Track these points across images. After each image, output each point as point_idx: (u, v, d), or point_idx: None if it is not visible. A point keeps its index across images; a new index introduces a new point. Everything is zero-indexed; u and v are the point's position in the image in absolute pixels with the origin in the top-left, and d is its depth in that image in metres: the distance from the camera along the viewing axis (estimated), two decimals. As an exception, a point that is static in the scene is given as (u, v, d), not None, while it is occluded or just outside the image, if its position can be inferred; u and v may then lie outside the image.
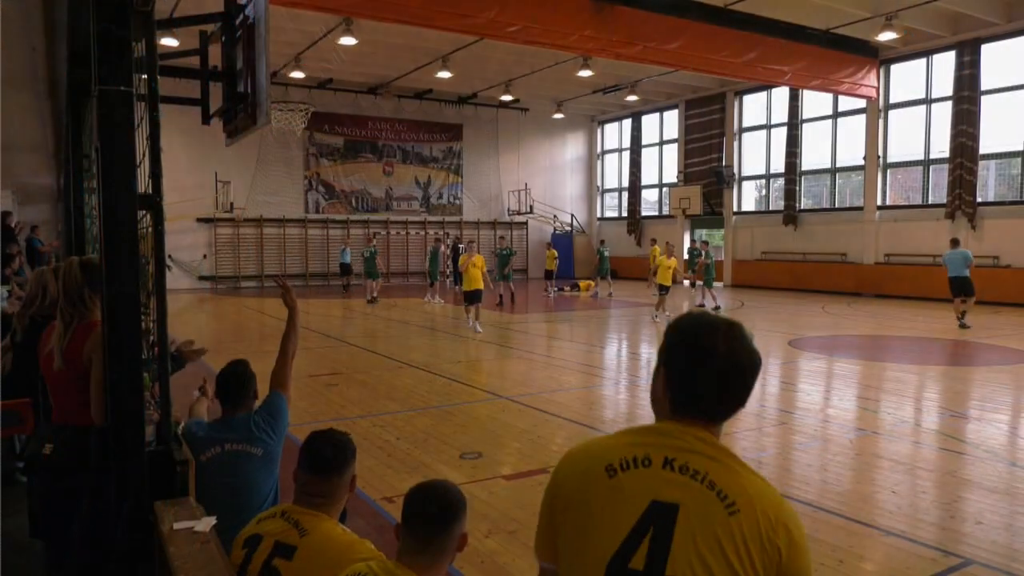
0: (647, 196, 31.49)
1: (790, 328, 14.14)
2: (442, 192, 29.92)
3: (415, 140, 29.04)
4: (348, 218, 27.63)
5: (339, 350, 11.80)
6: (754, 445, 6.26)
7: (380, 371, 9.82)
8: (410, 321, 15.66)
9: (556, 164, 32.47)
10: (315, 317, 17.04)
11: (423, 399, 8.03)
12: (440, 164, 29.80)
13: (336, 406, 7.67)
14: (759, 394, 8.68)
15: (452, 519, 2.00)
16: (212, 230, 25.43)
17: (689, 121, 27.91)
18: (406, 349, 11.89)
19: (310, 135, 26.59)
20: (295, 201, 26.79)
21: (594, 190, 33.32)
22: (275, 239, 26.59)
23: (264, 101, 3.20)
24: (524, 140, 31.31)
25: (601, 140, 33.20)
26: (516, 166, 31.24)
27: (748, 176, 26.57)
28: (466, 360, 10.65)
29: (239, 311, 18.06)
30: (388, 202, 28.76)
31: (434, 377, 9.29)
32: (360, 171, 28.09)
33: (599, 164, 33.24)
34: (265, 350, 11.77)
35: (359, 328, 14.90)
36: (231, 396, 3.19)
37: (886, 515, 4.69)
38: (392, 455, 5.90)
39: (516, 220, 30.96)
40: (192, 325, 14.41)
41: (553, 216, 31.57)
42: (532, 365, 10.33)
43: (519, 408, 7.58)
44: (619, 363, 11.13)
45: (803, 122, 24.01)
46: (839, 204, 23.70)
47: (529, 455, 5.93)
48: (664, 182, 30.00)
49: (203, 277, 25.37)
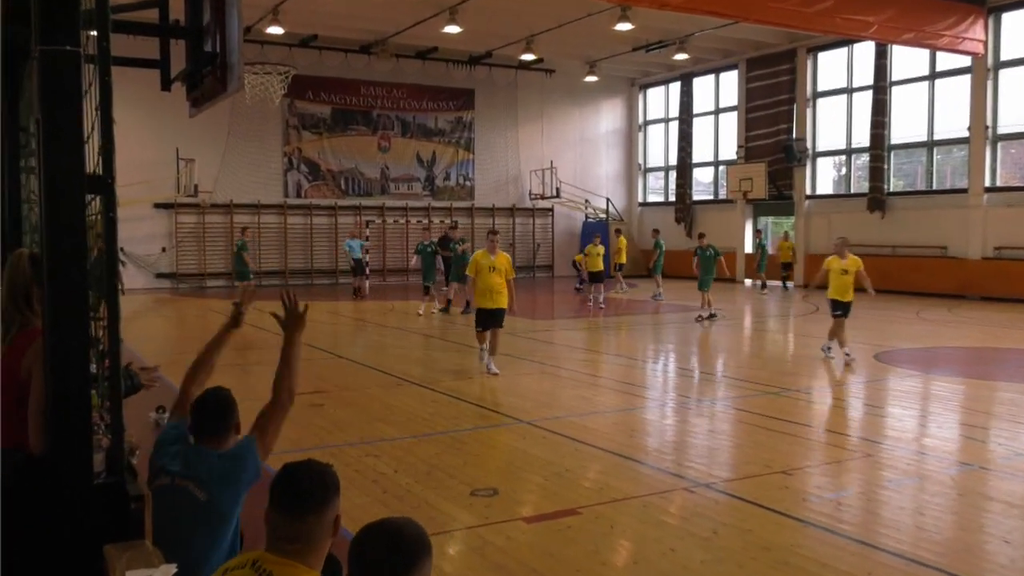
0: (699, 176, 31.31)
1: (876, 338, 14.00)
2: (449, 172, 30.00)
3: (417, 109, 29.16)
4: (336, 203, 27.81)
5: (324, 363, 11.84)
6: (832, 483, 6.21)
7: (374, 388, 9.82)
8: (409, 328, 15.70)
9: (588, 138, 32.42)
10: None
11: (426, 423, 8.04)
12: (447, 138, 29.89)
13: (320, 431, 7.70)
14: (837, 421, 8.60)
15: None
16: (172, 218, 25.70)
17: (751, 85, 27.75)
18: (405, 362, 11.90)
19: (290, 103, 26.79)
20: (272, 183, 27.02)
21: (634, 169, 33.22)
22: (248, 229, 26.80)
23: (236, 63, 3.22)
24: (549, 109, 31.31)
25: (643, 108, 33.09)
26: (539, 140, 31.24)
27: (824, 152, 26.35)
28: (478, 376, 10.64)
29: (204, 315, 18.21)
30: (384, 184, 28.90)
31: (439, 396, 9.29)
32: (351, 146, 28.26)
33: (640, 138, 33.13)
34: (236, 363, 11.86)
35: (349, 337, 14.95)
36: (204, 427, 3.23)
37: (996, 570, 4.63)
38: (388, 491, 5.91)
39: (539, 206, 30.98)
40: (148, 332, 14.56)
41: (584, 201, 31.54)
42: (559, 383, 10.30)
43: (543, 435, 7.57)
44: (666, 380, 11.08)
45: (892, 85, 23.78)
46: (937, 186, 23.41)
47: (555, 492, 5.91)
48: (720, 159, 29.83)
49: (162, 274, 25.64)
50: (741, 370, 11.41)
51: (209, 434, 3.23)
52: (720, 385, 10.61)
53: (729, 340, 14.85)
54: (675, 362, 12.50)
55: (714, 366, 12.22)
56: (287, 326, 3.37)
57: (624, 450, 7.02)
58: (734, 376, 10.95)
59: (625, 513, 5.48)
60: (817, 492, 5.91)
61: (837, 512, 5.49)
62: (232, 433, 3.27)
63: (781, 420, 8.09)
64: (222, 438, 3.24)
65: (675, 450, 7.14)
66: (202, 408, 3.26)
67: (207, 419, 3.24)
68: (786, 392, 9.56)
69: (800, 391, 9.72)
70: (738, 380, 10.53)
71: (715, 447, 7.27)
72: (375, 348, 13.30)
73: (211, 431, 3.23)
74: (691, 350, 13.63)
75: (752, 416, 8.31)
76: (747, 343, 14.94)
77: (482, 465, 6.61)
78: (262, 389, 9.58)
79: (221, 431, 3.24)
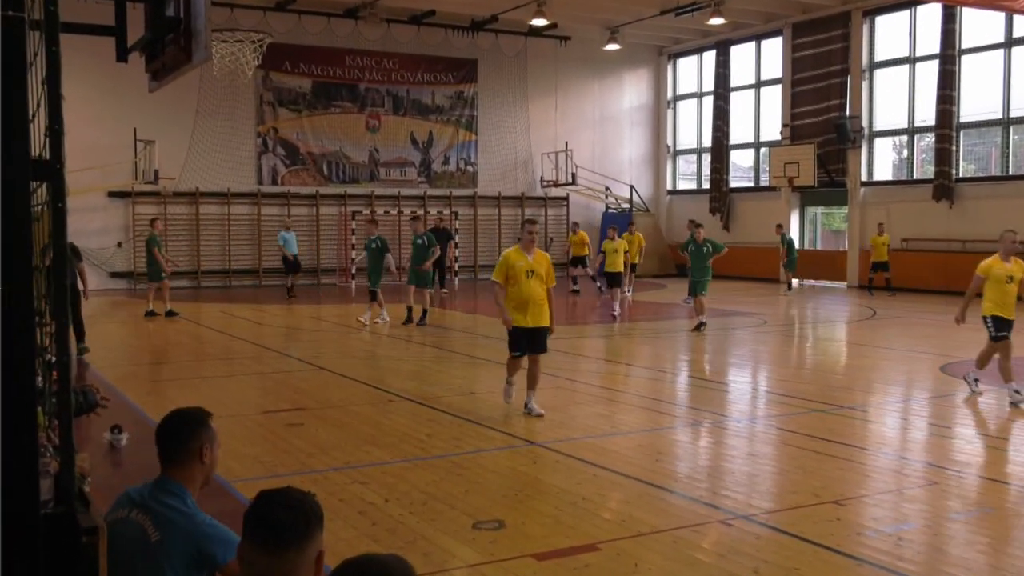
0: (738, 160, 31.28)
1: (942, 348, 13.96)
2: (448, 155, 30.06)
3: (411, 82, 29.23)
4: (317, 191, 27.90)
5: (304, 375, 11.87)
6: (891, 514, 6.19)
7: (362, 405, 9.85)
8: (402, 336, 15.73)
9: (609, 115, 32.42)
10: (271, 330, 17.18)
11: (421, 445, 8.06)
12: (446, 116, 29.95)
13: (300, 454, 7.73)
14: (898, 444, 8.58)
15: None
16: (129, 208, 25.81)
17: (798, 54, 27.71)
18: (398, 375, 11.91)
19: (265, 76, 26.89)
20: (244, 168, 27.12)
21: (662, 151, 33.21)
22: (216, 220, 26.89)
23: (202, 29, 3.24)
24: (564, 82, 31.33)
25: (673, 81, 33.08)
26: (552, 119, 31.26)
27: (883, 131, 26.30)
28: (481, 391, 10.66)
29: (164, 320, 18.25)
30: (373, 169, 28.98)
31: (437, 414, 9.31)
32: (334, 126, 28.34)
33: (670, 115, 33.13)
34: (202, 375, 11.91)
35: (333, 345, 14.99)
36: (164, 453, 3.27)
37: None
38: (378, 523, 5.92)
39: (553, 194, 31.00)
40: (102, 341, 14.62)
41: (604, 189, 31.56)
42: (574, 398, 10.31)
43: (556, 458, 7.57)
44: (698, 395, 11.08)
45: (962, 54, 23.71)
46: (1014, 171, 23.32)
47: (570, 525, 5.92)
48: (762, 140, 29.79)
49: (117, 273, 25.74)
50: (786, 384, 11.39)
51: (170, 461, 3.26)
52: (761, 401, 10.59)
53: (772, 349, 14.82)
54: (709, 375, 12.48)
55: (754, 379, 12.20)
56: None
57: (650, 476, 7.01)
58: (777, 391, 10.94)
59: (651, 549, 5.47)
60: (874, 525, 5.90)
61: (897, 548, 5.47)
62: (196, 461, 3.28)
63: (832, 442, 8.07)
64: (184, 465, 3.26)
65: (709, 476, 7.13)
66: (161, 431, 3.30)
67: (166, 443, 3.28)
68: (838, 409, 9.53)
69: (854, 408, 9.69)
70: (782, 395, 10.51)
71: (755, 473, 7.26)
72: (363, 359, 13.33)
73: (171, 457, 3.26)
74: (727, 361, 13.60)
75: (798, 437, 8.29)
76: (793, 352, 14.92)
77: (486, 493, 6.62)
78: (242, 402, 9.64)
79: (182, 457, 3.26)
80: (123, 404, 9.23)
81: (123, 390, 10.16)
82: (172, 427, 3.33)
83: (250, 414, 9.36)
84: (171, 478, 3.24)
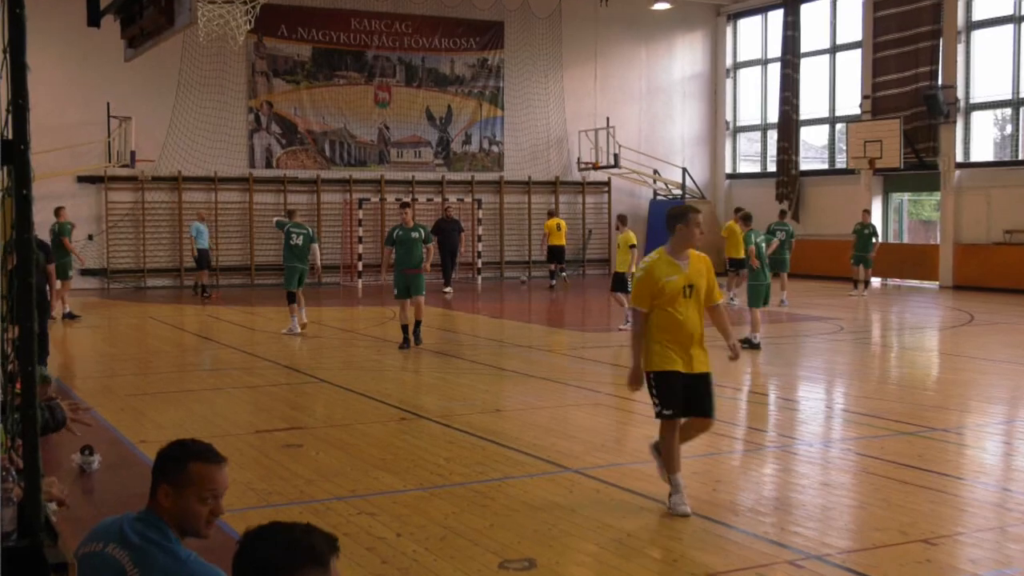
0: (809, 138, 31.06)
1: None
2: (470, 133, 30.11)
3: (426, 49, 29.32)
4: (318, 176, 28.05)
5: (304, 389, 11.91)
6: (991, 556, 6.13)
7: (369, 424, 9.86)
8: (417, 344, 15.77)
9: (657, 87, 32.33)
10: (265, 336, 17.28)
11: (439, 470, 8.07)
12: (468, 87, 30.00)
13: (299, 480, 7.77)
14: (999, 471, 8.48)
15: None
16: (102, 195, 26.08)
17: (881, 12, 27.49)
18: (412, 389, 11.93)
19: (258, 43, 27.08)
20: (234, 149, 27.34)
21: (720, 128, 33.07)
22: (202, 210, 27.04)
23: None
24: (605, 47, 31.28)
25: (733, 46, 32.91)
26: (591, 91, 31.24)
27: (982, 103, 26.05)
28: (509, 408, 10.64)
29: (143, 325, 18.47)
30: (383, 149, 29.10)
31: (457, 435, 9.32)
32: (338, 99, 28.49)
33: (729, 86, 32.97)
34: (186, 388, 12.00)
35: (335, 354, 15.04)
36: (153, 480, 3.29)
37: None
38: (388, 561, 5.93)
39: (592, 179, 30.97)
40: (72, 349, 14.78)
41: (653, 172, 31.48)
42: (618, 417, 10.27)
43: (596, 488, 7.56)
44: (764, 415, 11.01)
45: (1077, 11, 23.38)
46: None
47: (613, 565, 5.90)
48: (838, 115, 29.57)
49: (88, 271, 25.99)
50: (866, 402, 11.30)
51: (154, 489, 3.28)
52: (837, 422, 10.52)
53: (851, 361, 14.71)
54: (776, 391, 12.41)
55: (829, 396, 12.11)
56: None
57: (707, 509, 6.98)
58: (857, 409, 10.86)
59: (708, 594, 5.45)
60: (971, 568, 5.84)
61: (999, 596, 5.42)
62: (161, 487, 3.29)
63: (922, 470, 8.00)
64: (154, 492, 3.28)
65: (776, 510, 7.09)
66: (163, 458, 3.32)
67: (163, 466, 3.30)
68: (928, 432, 9.45)
69: (948, 431, 9.61)
70: (862, 415, 10.43)
71: (830, 506, 7.21)
72: (370, 369, 13.37)
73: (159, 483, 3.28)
74: (797, 374, 13.53)
75: (882, 464, 8.22)
76: (875, 365, 14.80)
77: (515, 527, 6.61)
78: (232, 420, 9.75)
79: (153, 484, 3.28)
80: (94, 422, 9.32)
81: (95, 405, 10.26)
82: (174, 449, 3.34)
83: (241, 434, 9.41)
84: (150, 512, 3.26)
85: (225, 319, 19.72)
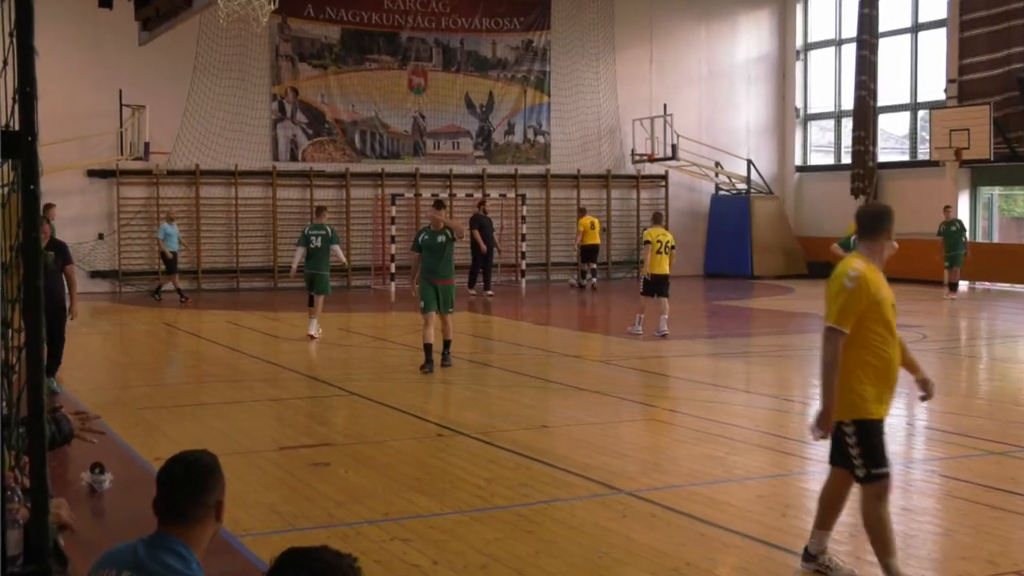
0: (888, 127, 30.75)
1: None
2: (513, 122, 30.12)
3: (466, 30, 29.37)
4: (347, 169, 28.20)
5: (331, 402, 11.97)
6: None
7: (403, 440, 9.89)
8: (455, 353, 15.78)
9: (720, 70, 32.19)
10: (290, 345, 17.39)
11: (479, 492, 8.07)
12: (511, 72, 30.01)
13: (327, 502, 7.80)
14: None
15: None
16: (113, 190, 26.36)
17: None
18: (449, 403, 11.94)
19: (282, 24, 27.27)
20: (256, 140, 27.55)
21: (789, 116, 32.83)
22: (221, 206, 27.35)
23: (205, -33, 3.29)
24: (662, 28, 31.20)
25: (803, 25, 32.67)
26: (647, 75, 31.15)
27: (1082, 86, 25.67)
28: (556, 424, 10.62)
29: (157, 333, 18.64)
30: (418, 140, 29.18)
31: (499, 453, 9.31)
32: (369, 86, 28.62)
33: (799, 69, 32.73)
34: (204, 402, 12.10)
35: (366, 364, 15.09)
36: (168, 506, 3.30)
37: None
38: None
39: (647, 172, 30.87)
40: (81, 358, 14.95)
41: (714, 164, 31.32)
42: (675, 434, 10.24)
43: (651, 512, 7.54)
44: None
45: None
46: None
47: (669, 597, 5.89)
48: (920, 101, 29.25)
49: (98, 272, 26.27)
50: (952, 418, 11.17)
51: (175, 518, 3.28)
52: (919, 440, 10.43)
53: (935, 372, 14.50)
54: (851, 405, 12.31)
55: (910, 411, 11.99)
56: None
57: (775, 536, 6.94)
58: (941, 426, 10.74)
59: (774, 630, 5.42)
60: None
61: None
62: (210, 518, 3.32)
63: (1015, 494, 7.92)
64: (191, 525, 3.29)
65: (851, 537, 7.02)
66: (167, 479, 3.32)
67: (172, 494, 3.30)
68: (1022, 452, 9.34)
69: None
70: (947, 432, 10.34)
71: (912, 533, 7.14)
72: (404, 381, 13.39)
73: (178, 514, 3.28)
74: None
75: (969, 488, 8.14)
76: (962, 377, 14.64)
77: (562, 555, 6.60)
78: (254, 435, 9.87)
79: (190, 513, 3.29)
80: (105, 437, 9.41)
81: (106, 419, 10.37)
82: (184, 475, 3.33)
83: (263, 451, 9.48)
84: (174, 535, 3.28)
85: (247, 326, 19.86)
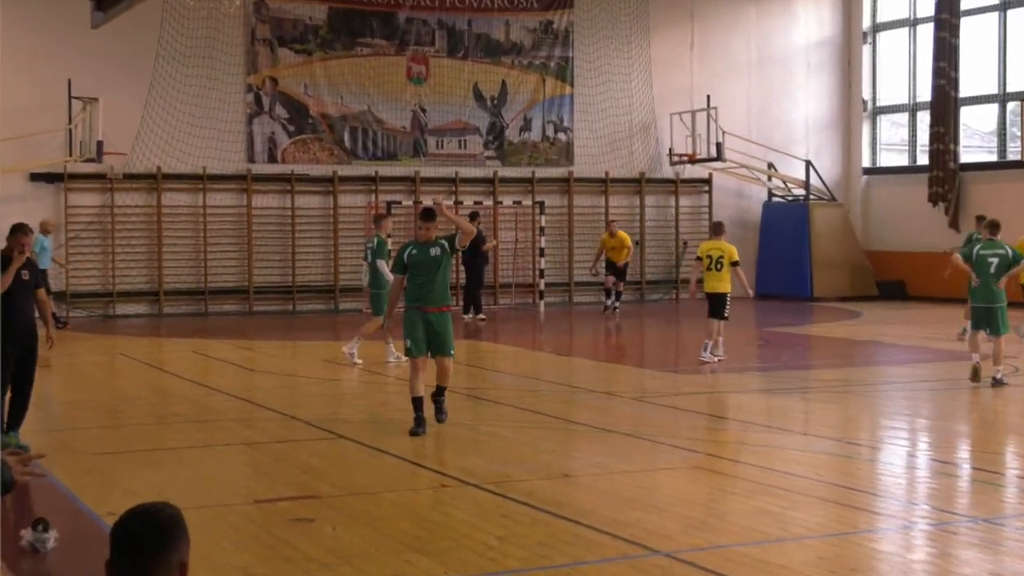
0: (972, 121, 30.71)
1: None
2: (530, 117, 30.15)
3: (474, 9, 29.45)
4: (335, 172, 28.28)
5: (316, 447, 11.93)
6: None
7: (400, 491, 9.87)
8: (459, 389, 15.73)
9: (773, 56, 32.27)
10: (267, 379, 17.38)
11: (490, 553, 8.01)
12: (527, 58, 30.08)
13: (311, 564, 7.74)
14: None
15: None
16: (61, 197, 26.44)
17: (1062, -42, 27.21)
18: (455, 448, 11.90)
19: (259, 3, 27.41)
20: (228, 139, 27.62)
21: (855, 110, 32.83)
22: (187, 216, 27.41)
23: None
24: (703, 6, 31.34)
25: (872, 3, 32.69)
26: (687, 62, 31.22)
27: None
28: (581, 474, 10.58)
29: (113, 364, 18.64)
30: (418, 138, 29.21)
31: (513, 507, 9.27)
32: (361, 74, 28.71)
33: (867, 55, 32.75)
34: (167, 446, 12.08)
35: (357, 402, 15.04)
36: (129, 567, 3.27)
37: None
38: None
39: (687, 175, 30.90)
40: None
41: (767, 167, 31.29)
42: (722, 484, 10.21)
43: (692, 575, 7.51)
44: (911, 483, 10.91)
45: None
46: None
47: None
48: (1009, 91, 29.24)
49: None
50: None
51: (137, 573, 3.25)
52: (1011, 491, 10.34)
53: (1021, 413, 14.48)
54: (927, 451, 12.27)
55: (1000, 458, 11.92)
56: None
57: (838, 606, 6.88)
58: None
59: None
60: None
61: None
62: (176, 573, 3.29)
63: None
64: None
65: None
66: (122, 536, 3.29)
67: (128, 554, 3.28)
68: None
69: None
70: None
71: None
72: (401, 422, 13.31)
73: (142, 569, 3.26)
74: (954, 429, 13.42)
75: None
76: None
77: (586, 629, 6.55)
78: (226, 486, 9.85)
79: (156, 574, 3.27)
80: (50, 488, 9.39)
81: (51, 466, 10.34)
82: (143, 532, 3.31)
83: (237, 504, 9.44)
84: None
85: (217, 356, 19.86)
